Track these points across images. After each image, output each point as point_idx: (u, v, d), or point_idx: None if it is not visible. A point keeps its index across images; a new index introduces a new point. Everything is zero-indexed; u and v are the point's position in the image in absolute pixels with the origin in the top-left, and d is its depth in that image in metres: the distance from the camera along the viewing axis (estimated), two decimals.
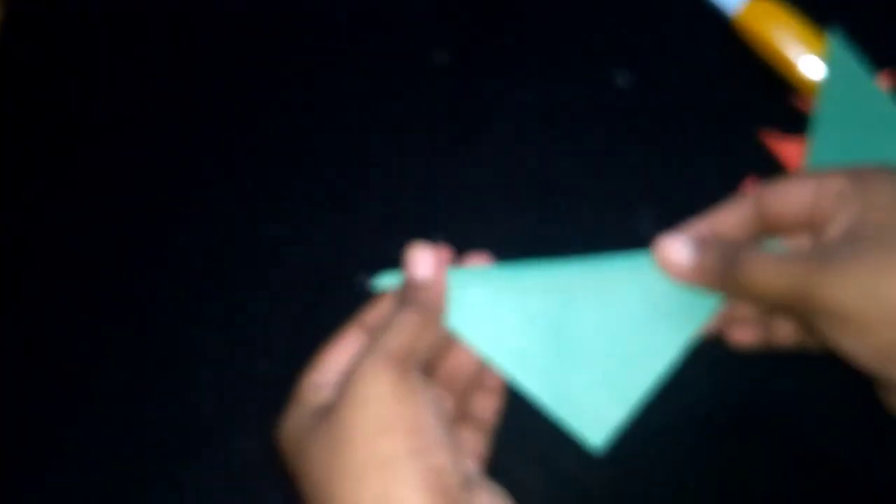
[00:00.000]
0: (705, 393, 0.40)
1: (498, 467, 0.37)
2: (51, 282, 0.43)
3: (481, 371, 0.34)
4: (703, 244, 0.33)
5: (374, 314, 0.33)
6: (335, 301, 0.42)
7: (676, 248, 0.33)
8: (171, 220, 0.44)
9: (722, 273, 0.32)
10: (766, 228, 0.34)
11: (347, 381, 0.29)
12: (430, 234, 0.44)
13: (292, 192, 0.44)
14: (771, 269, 0.31)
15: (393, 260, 0.43)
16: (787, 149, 0.45)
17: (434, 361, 0.33)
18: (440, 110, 0.46)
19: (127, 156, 0.45)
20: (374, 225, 0.44)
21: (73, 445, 0.40)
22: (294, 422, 0.31)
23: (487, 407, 0.35)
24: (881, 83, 0.45)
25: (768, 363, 0.37)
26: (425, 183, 0.45)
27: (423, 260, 0.32)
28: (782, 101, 0.46)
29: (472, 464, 0.32)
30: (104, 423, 0.41)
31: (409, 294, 0.32)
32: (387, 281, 0.33)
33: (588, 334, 0.33)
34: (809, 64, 0.45)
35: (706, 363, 0.36)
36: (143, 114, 0.46)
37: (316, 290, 0.43)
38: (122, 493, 0.40)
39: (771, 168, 0.45)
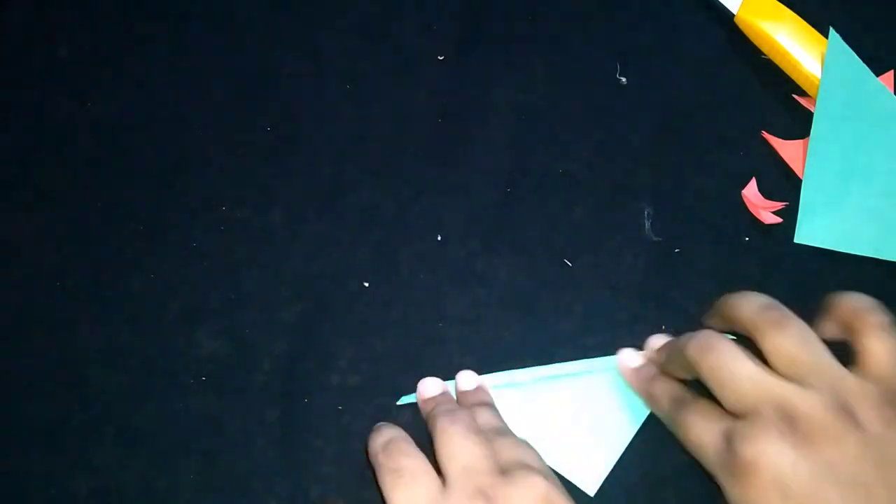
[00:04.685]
0: None
1: None
2: (46, 279, 0.43)
3: None
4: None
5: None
6: (335, 303, 0.43)
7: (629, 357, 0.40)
8: (170, 219, 0.44)
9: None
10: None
11: None
12: (429, 234, 0.44)
13: (290, 193, 0.44)
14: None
15: (393, 260, 0.43)
16: (789, 148, 0.45)
17: None
18: (440, 110, 0.46)
19: (124, 149, 0.45)
20: (374, 226, 0.44)
21: (72, 445, 0.40)
22: None
23: None
24: (881, 82, 0.45)
25: None
26: (425, 183, 0.45)
27: (431, 385, 0.41)
28: (783, 101, 0.46)
29: None
30: (102, 422, 0.41)
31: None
32: (407, 399, 0.41)
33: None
34: (810, 63, 0.45)
35: None
36: (141, 109, 0.46)
37: (315, 292, 0.43)
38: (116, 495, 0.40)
39: (772, 168, 0.45)
